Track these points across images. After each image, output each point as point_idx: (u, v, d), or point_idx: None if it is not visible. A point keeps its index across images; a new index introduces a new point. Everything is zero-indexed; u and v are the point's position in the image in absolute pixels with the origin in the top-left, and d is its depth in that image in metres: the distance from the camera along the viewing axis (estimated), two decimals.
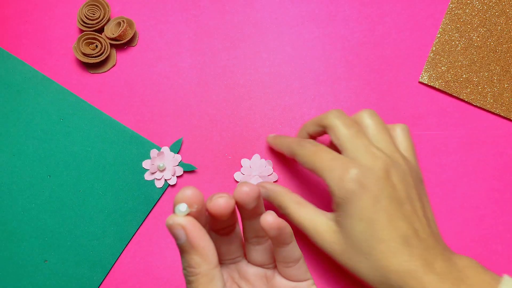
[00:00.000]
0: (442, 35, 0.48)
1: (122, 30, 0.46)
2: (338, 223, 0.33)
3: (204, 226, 0.25)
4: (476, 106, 0.46)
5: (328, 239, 0.33)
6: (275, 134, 0.44)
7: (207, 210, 0.26)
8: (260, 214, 0.28)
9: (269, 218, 0.25)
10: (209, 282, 0.23)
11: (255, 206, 0.26)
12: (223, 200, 0.25)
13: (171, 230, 0.24)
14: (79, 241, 0.44)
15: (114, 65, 0.48)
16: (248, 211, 0.27)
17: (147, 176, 0.45)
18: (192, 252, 0.24)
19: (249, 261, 0.31)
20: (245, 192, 0.26)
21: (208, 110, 0.47)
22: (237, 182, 0.44)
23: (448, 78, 0.47)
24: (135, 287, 0.43)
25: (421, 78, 0.47)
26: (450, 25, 0.48)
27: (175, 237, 0.24)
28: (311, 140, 0.37)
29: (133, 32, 0.48)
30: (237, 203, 0.26)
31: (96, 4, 0.47)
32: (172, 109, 0.47)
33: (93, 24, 0.47)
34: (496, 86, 0.47)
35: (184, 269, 0.25)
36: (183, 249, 0.24)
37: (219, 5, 0.49)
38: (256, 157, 0.44)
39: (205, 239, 0.24)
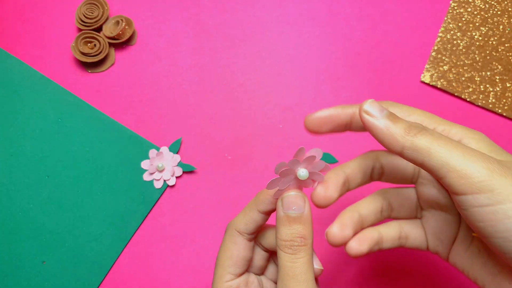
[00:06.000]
0: (444, 34, 0.47)
1: (120, 29, 0.46)
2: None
3: None
4: (478, 105, 0.46)
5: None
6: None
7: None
8: None
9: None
10: (311, 255, 0.27)
11: None
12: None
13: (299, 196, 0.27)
14: (78, 242, 0.43)
15: (112, 64, 0.47)
16: None
17: (146, 177, 0.44)
18: (309, 223, 0.27)
19: None
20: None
21: (208, 109, 0.46)
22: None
23: (450, 77, 0.46)
24: None
25: (423, 77, 0.46)
26: (452, 24, 0.48)
27: (300, 205, 0.26)
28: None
29: (132, 31, 0.47)
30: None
31: (95, 2, 0.47)
32: (171, 108, 0.46)
33: (92, 23, 0.47)
34: (498, 85, 0.46)
35: (291, 240, 0.26)
36: (305, 218, 0.27)
37: (219, 4, 0.48)
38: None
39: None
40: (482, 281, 0.27)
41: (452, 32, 0.47)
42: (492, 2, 0.48)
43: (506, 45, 0.47)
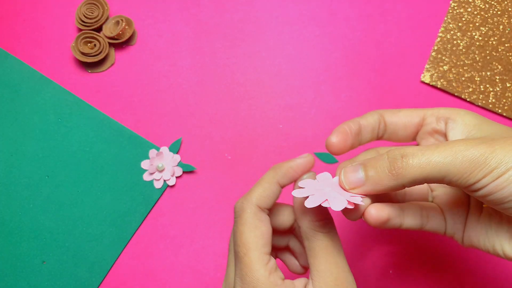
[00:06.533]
0: (444, 34, 0.47)
1: (120, 29, 0.46)
2: None
3: None
4: (478, 105, 0.46)
5: None
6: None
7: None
8: None
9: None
10: None
11: None
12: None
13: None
14: (78, 242, 0.43)
15: (112, 64, 0.47)
16: None
17: (146, 177, 0.44)
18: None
19: None
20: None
21: (208, 109, 0.46)
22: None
23: (449, 77, 0.46)
24: None
25: (423, 77, 0.46)
26: (452, 24, 0.48)
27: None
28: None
29: (132, 31, 0.47)
30: None
31: (95, 2, 0.47)
32: (171, 108, 0.46)
33: (92, 23, 0.47)
34: (498, 85, 0.46)
35: (325, 219, 0.27)
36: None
37: (219, 4, 0.48)
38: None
39: None
40: (501, 244, 0.27)
41: (452, 32, 0.47)
42: (492, 2, 0.48)
43: (506, 45, 0.47)
